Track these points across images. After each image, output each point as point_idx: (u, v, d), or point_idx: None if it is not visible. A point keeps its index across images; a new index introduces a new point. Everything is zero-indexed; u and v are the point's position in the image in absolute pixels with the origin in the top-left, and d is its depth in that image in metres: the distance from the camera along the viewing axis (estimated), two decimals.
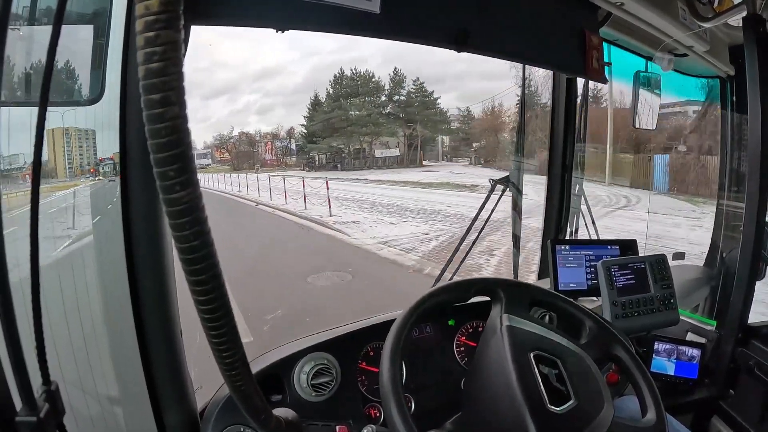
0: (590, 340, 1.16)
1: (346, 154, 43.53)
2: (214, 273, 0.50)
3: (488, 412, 1.04)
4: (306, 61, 56.77)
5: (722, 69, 2.23)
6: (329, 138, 43.58)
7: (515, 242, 2.65)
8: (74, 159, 1.25)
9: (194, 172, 0.46)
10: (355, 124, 43.15)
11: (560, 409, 0.98)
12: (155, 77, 0.42)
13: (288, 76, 59.70)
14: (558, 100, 2.31)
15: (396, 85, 43.24)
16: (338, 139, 43.32)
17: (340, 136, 43.18)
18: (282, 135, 47.01)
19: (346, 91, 44.04)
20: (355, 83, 44.06)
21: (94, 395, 1.14)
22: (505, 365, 1.03)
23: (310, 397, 1.30)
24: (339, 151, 43.68)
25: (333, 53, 53.16)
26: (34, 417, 0.48)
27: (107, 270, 1.12)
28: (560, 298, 1.24)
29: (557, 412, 0.98)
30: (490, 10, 1.38)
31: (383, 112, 43.71)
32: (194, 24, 0.95)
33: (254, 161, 46.37)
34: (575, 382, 1.03)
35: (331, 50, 56.20)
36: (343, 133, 43.01)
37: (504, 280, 1.21)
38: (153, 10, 0.41)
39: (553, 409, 0.98)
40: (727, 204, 2.51)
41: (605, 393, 1.04)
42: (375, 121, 43.29)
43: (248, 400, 0.68)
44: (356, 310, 5.61)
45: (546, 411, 0.97)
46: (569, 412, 0.98)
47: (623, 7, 1.57)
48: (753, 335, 1.72)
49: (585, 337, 1.17)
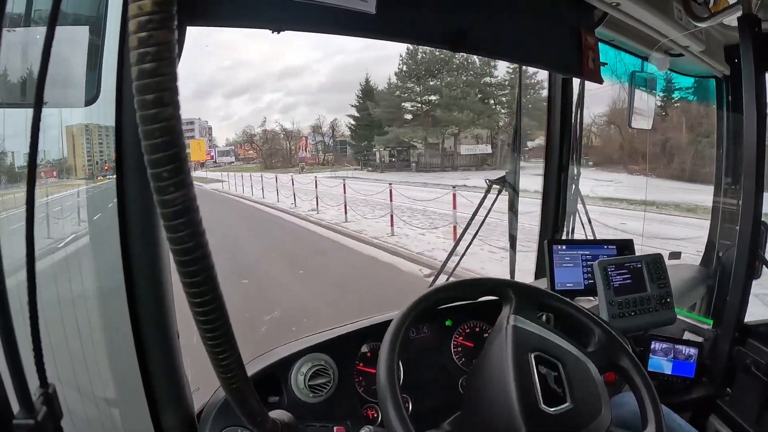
0: (597, 349, 1.15)
1: (420, 150, 34.22)
2: (208, 274, 0.50)
3: (485, 411, 1.04)
4: (330, 60, 56.32)
5: (718, 69, 2.24)
6: (396, 129, 34.15)
7: (512, 243, 2.65)
8: (93, 156, 1.25)
9: (188, 173, 0.46)
10: (442, 107, 32.50)
11: (554, 410, 0.98)
12: (148, 78, 0.42)
13: (312, 75, 59.43)
14: (554, 100, 2.32)
15: (485, 65, 32.22)
16: (411, 130, 33.87)
17: (412, 126, 33.93)
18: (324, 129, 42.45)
19: (420, 70, 33.57)
20: (435, 59, 32.85)
21: (92, 398, 1.14)
22: (504, 363, 1.03)
23: (308, 398, 1.30)
24: (408, 148, 34.57)
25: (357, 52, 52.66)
26: (32, 420, 0.48)
27: (104, 271, 1.12)
28: (570, 304, 1.24)
29: (550, 413, 0.98)
30: (485, 10, 1.38)
31: (474, 95, 32.39)
32: (189, 25, 0.95)
33: (289, 158, 42.66)
34: (574, 386, 1.03)
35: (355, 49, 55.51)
36: (418, 124, 33.39)
37: (515, 282, 1.23)
38: (146, 11, 0.41)
39: (546, 409, 0.98)
40: (723, 202, 2.52)
41: (604, 400, 1.03)
42: (471, 105, 31.95)
43: (244, 402, 0.68)
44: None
45: (538, 410, 0.97)
46: (563, 414, 0.98)
47: (619, 8, 1.57)
48: (750, 334, 1.72)
49: (593, 345, 1.17)
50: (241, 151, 46.64)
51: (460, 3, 1.33)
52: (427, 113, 33.86)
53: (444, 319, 1.49)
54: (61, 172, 1.29)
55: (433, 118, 33.47)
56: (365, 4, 1.08)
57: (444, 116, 32.91)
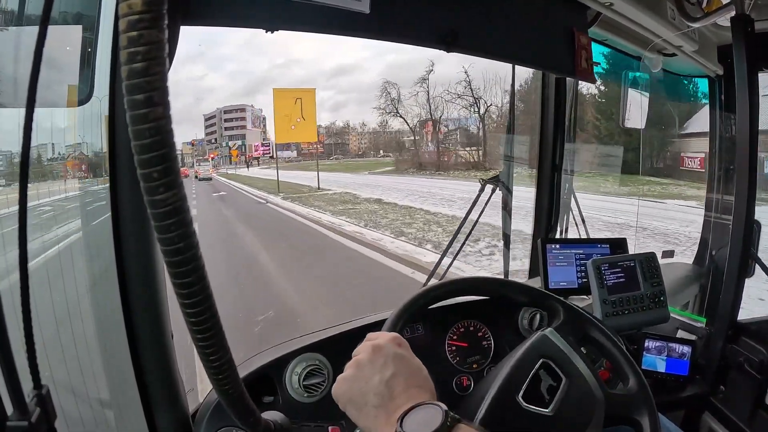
0: (622, 395, 1.06)
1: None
2: (199, 275, 0.50)
3: (472, 402, 1.02)
4: (381, 59, 56.00)
5: (711, 68, 2.25)
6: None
7: (505, 241, 2.66)
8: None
9: (178, 173, 0.46)
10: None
11: (527, 406, 0.93)
12: (138, 77, 0.42)
13: (363, 73, 59.21)
14: (547, 100, 2.33)
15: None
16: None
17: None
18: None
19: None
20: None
21: (85, 398, 1.14)
22: (509, 359, 1.01)
23: (302, 398, 1.30)
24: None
25: (409, 52, 52.15)
26: (26, 421, 0.48)
27: (97, 272, 1.11)
28: (616, 343, 1.16)
29: (521, 405, 0.93)
30: (478, 10, 1.38)
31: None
32: (183, 24, 0.95)
33: (414, 156, 33.73)
34: (564, 403, 0.96)
35: (407, 48, 55.11)
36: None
37: (568, 303, 1.20)
38: (136, 10, 0.40)
39: (519, 401, 0.93)
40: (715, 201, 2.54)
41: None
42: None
43: (236, 403, 0.68)
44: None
45: (511, 398, 0.93)
46: (534, 414, 0.93)
47: (612, 7, 1.58)
48: (742, 332, 1.74)
49: (621, 390, 1.08)
50: (306, 145, 41.36)
51: (453, 3, 1.33)
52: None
53: (439, 319, 1.50)
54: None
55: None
56: (359, 3, 1.08)
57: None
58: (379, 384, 0.76)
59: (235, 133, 60.89)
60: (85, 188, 1.27)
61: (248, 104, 47.53)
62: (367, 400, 0.76)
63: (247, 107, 56.96)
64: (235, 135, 60.41)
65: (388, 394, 0.75)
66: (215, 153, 61.44)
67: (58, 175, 1.34)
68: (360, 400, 0.78)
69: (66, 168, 1.31)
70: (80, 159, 1.27)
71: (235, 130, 61.30)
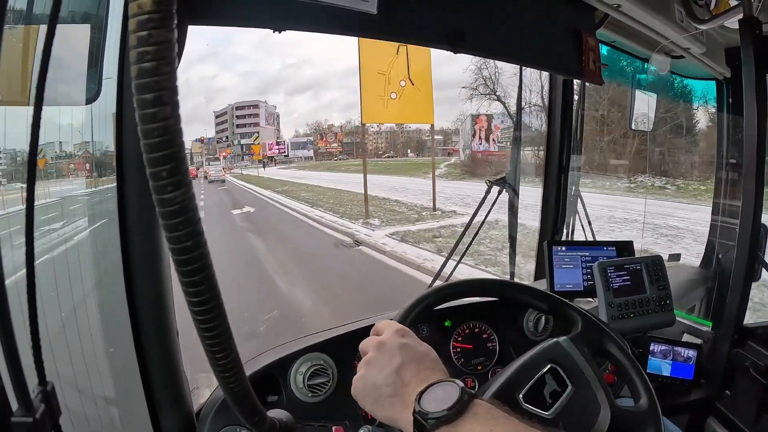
0: (631, 416, 1.03)
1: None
2: (206, 274, 0.50)
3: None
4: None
5: (718, 71, 2.24)
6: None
7: (512, 243, 2.65)
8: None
9: (187, 172, 0.46)
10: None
11: (526, 406, 0.93)
12: (147, 77, 0.42)
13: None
14: (555, 102, 2.32)
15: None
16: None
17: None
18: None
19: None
20: None
21: (90, 396, 1.14)
22: (518, 361, 1.00)
23: (307, 398, 1.30)
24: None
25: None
26: (30, 418, 0.48)
27: (103, 270, 1.12)
28: (632, 361, 1.13)
29: (520, 404, 0.92)
30: (486, 11, 1.38)
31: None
32: (191, 24, 0.95)
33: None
34: (566, 410, 0.95)
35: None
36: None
37: (587, 313, 1.18)
38: (146, 9, 0.41)
39: (519, 399, 0.93)
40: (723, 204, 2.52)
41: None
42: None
43: (241, 401, 0.68)
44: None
45: (511, 395, 0.93)
46: (532, 414, 0.92)
47: (620, 9, 1.58)
48: (748, 336, 1.72)
49: (630, 406, 1.06)
50: (322, 143, 37.82)
51: (460, 4, 1.33)
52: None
53: (443, 320, 1.49)
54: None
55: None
56: (366, 4, 1.08)
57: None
58: (390, 375, 0.78)
59: (247, 131, 59.39)
60: (92, 186, 1.28)
61: (262, 100, 46.71)
62: (381, 392, 0.78)
63: (261, 103, 56.07)
64: (247, 133, 58.96)
65: (400, 381, 0.77)
66: (228, 151, 59.52)
67: (64, 173, 1.35)
68: (374, 394, 0.79)
69: (73, 166, 1.32)
70: (87, 158, 1.28)
71: (247, 127, 59.97)
